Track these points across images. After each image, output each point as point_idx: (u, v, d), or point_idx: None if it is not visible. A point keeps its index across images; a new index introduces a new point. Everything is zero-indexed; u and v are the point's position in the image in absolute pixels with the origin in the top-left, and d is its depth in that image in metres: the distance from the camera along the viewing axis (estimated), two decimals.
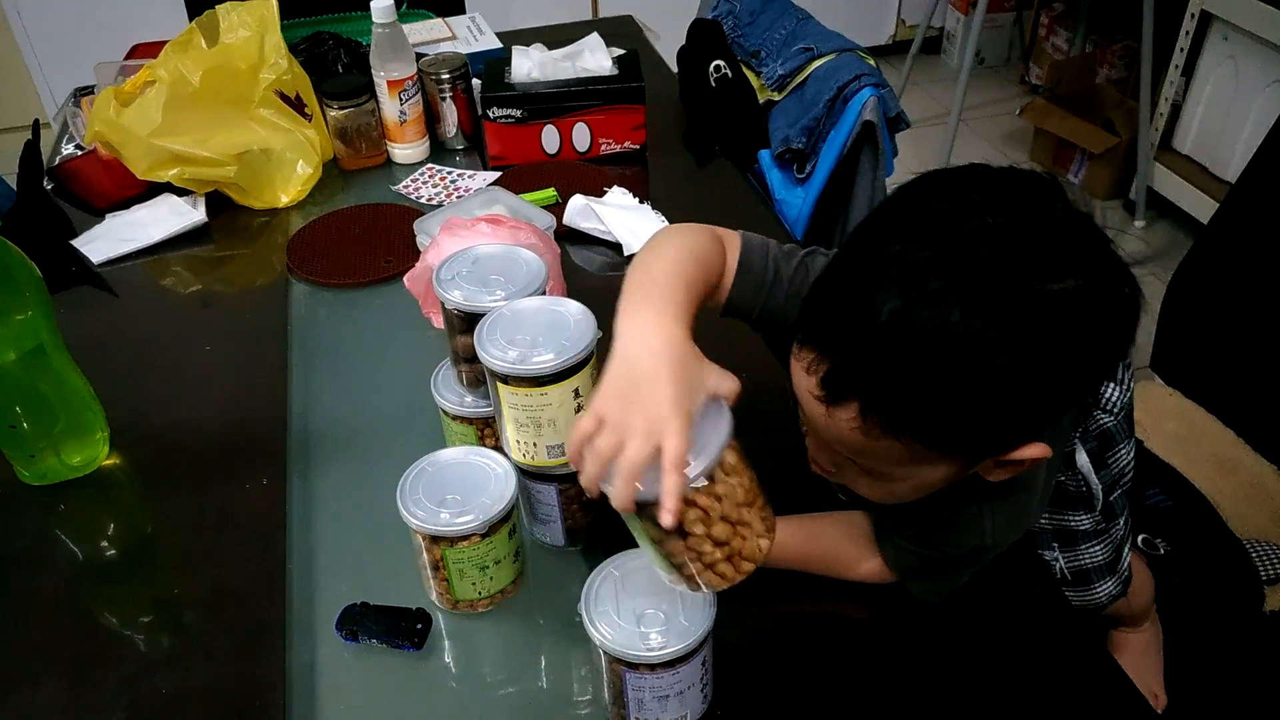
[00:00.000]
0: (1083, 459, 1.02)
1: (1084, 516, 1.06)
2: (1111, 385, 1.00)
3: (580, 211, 1.37)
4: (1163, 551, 1.27)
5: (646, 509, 0.64)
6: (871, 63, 1.49)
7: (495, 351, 0.80)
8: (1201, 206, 2.65)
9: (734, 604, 0.77)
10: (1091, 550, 1.08)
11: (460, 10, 2.07)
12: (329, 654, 0.85)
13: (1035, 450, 0.69)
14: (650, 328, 0.69)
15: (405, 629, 0.84)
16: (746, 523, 0.68)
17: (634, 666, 0.71)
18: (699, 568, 0.67)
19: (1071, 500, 1.05)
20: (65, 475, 1.02)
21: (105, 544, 0.98)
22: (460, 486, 0.83)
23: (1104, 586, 1.12)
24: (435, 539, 0.81)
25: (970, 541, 0.80)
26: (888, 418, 0.65)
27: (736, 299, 0.85)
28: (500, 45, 1.75)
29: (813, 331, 0.69)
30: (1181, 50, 2.69)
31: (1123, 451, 1.04)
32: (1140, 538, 1.11)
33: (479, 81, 1.59)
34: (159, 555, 0.97)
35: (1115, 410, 1.01)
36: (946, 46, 3.85)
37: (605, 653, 0.72)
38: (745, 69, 1.67)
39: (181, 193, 1.47)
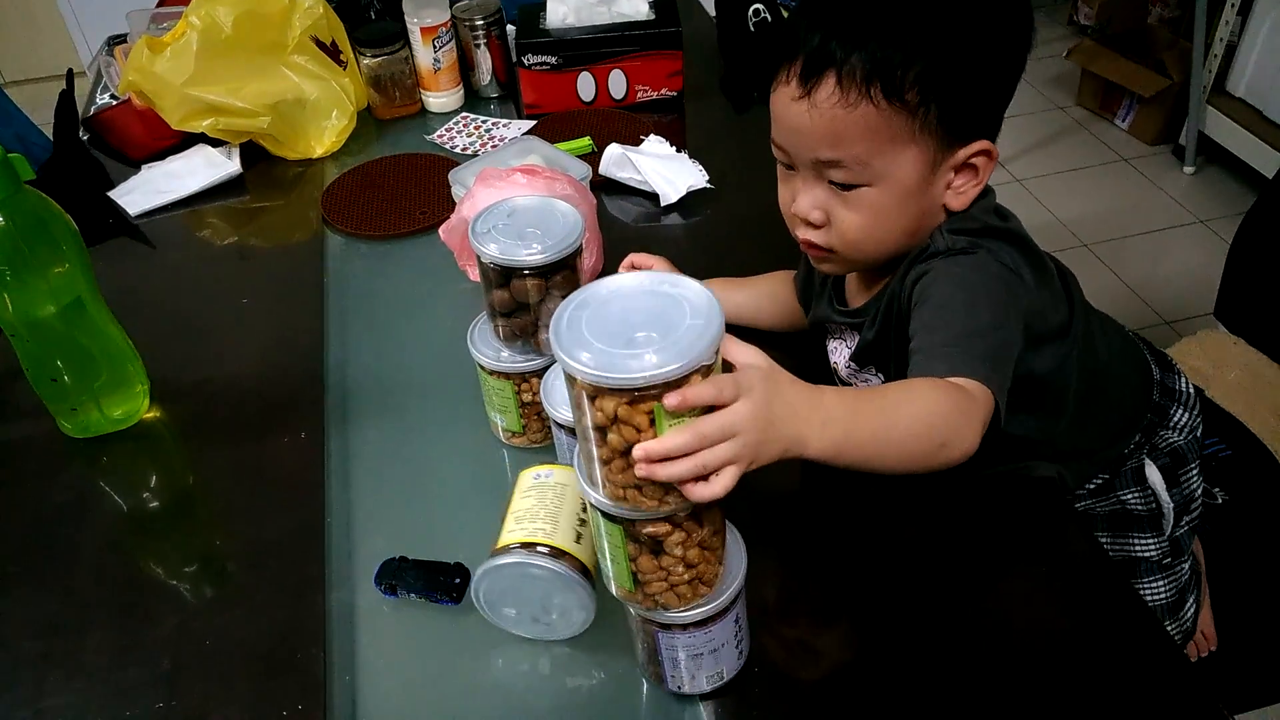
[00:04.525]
0: (1154, 474, 1.00)
1: (1150, 541, 1.02)
2: (1180, 410, 1.01)
3: (616, 161, 1.35)
4: (1220, 500, 1.24)
5: (632, 525, 0.64)
6: None
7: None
8: (1254, 152, 2.57)
9: (770, 560, 0.77)
10: (1154, 585, 1.04)
11: None
12: (368, 608, 0.85)
13: (983, 144, 0.79)
14: None
15: (444, 583, 0.84)
16: (713, 548, 0.68)
17: (666, 626, 0.71)
18: (663, 587, 0.67)
19: (1139, 521, 1.02)
20: (107, 428, 1.03)
21: (147, 496, 0.99)
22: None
23: None
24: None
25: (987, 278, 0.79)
26: (858, 70, 0.74)
27: None
28: None
29: (789, 42, 0.78)
30: None
31: (1193, 472, 1.03)
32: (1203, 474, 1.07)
33: (513, 28, 1.56)
34: (199, 508, 0.98)
35: (1183, 430, 1.01)
36: None
37: (636, 613, 0.72)
38: (785, 12, 1.63)
39: (216, 143, 1.47)
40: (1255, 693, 1.19)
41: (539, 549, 0.75)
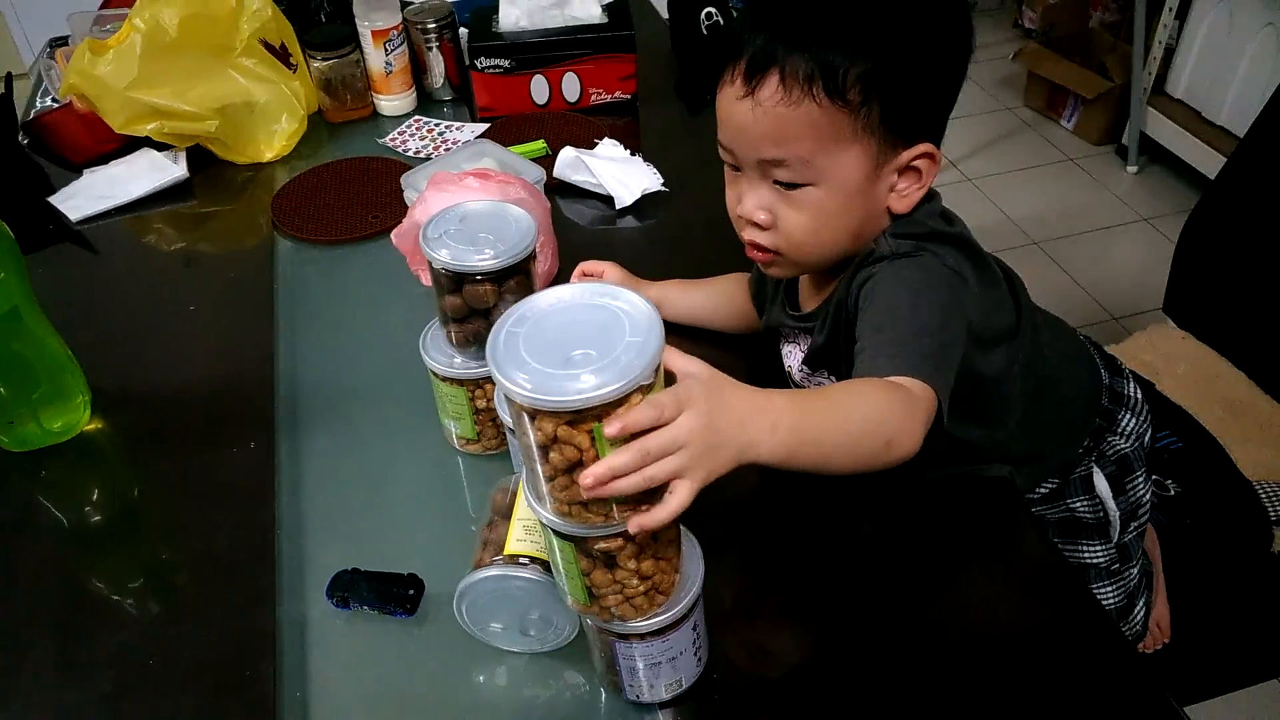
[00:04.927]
0: (1101, 483, 1.01)
1: (1098, 547, 1.03)
2: (1129, 415, 1.03)
3: (570, 164, 1.34)
4: (1173, 493, 1.27)
5: (584, 540, 0.63)
6: None
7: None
8: (1194, 151, 2.62)
9: (728, 565, 0.76)
10: (1104, 591, 1.05)
11: None
12: (320, 621, 0.83)
13: (926, 147, 0.80)
14: None
15: (397, 595, 0.83)
16: (668, 558, 0.68)
17: (623, 636, 0.70)
18: (618, 600, 0.66)
19: (1087, 529, 1.03)
20: (46, 441, 1.00)
21: (89, 510, 0.97)
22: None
23: None
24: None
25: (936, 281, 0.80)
26: (800, 69, 0.75)
27: None
28: None
29: (734, 44, 0.79)
30: None
31: (1140, 480, 1.04)
32: (1151, 478, 1.09)
33: (466, 31, 1.55)
34: (145, 521, 0.95)
35: (1130, 436, 1.03)
36: None
37: (591, 622, 0.71)
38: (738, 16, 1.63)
39: (161, 147, 1.44)
40: (1208, 683, 1.21)
41: (520, 560, 0.74)
